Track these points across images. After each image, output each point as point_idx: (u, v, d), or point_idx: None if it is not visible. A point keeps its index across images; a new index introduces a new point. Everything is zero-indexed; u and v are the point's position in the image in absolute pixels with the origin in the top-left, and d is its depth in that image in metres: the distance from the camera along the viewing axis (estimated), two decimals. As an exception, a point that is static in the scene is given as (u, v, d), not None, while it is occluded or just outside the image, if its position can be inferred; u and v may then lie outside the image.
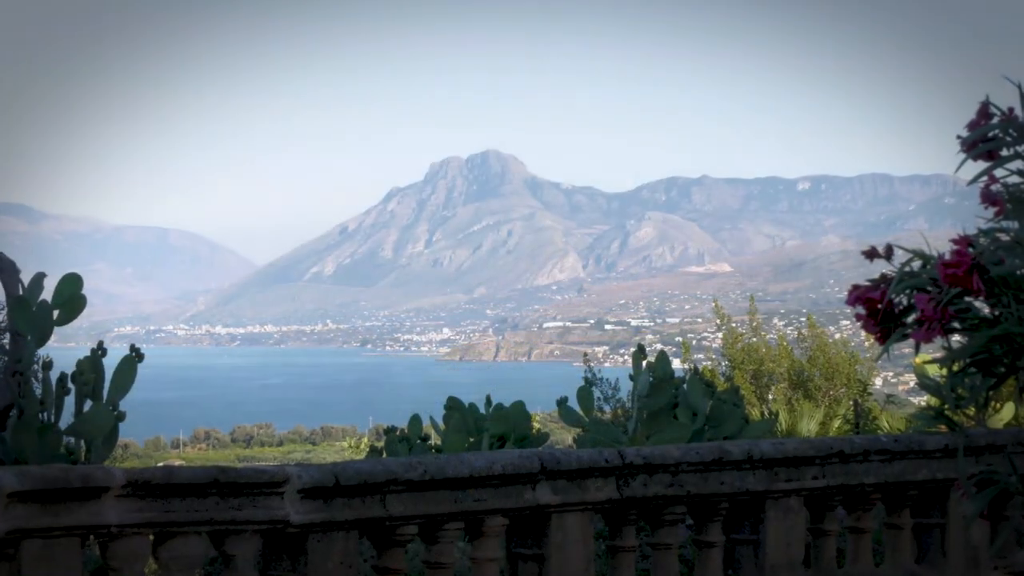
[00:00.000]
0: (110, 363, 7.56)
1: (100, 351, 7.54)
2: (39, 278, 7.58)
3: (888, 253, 2.94)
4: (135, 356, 7.64)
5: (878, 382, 31.65)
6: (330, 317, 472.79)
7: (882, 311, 2.85)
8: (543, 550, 6.69)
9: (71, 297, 7.60)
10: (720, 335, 26.01)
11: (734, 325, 25.61)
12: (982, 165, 2.93)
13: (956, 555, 7.93)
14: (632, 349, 10.47)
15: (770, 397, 23.70)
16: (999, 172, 2.91)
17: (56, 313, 7.57)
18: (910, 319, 2.85)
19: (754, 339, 24.94)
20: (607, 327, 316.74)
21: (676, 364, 13.38)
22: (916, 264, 2.86)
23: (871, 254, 2.96)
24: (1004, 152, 2.92)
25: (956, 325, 2.82)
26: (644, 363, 10.00)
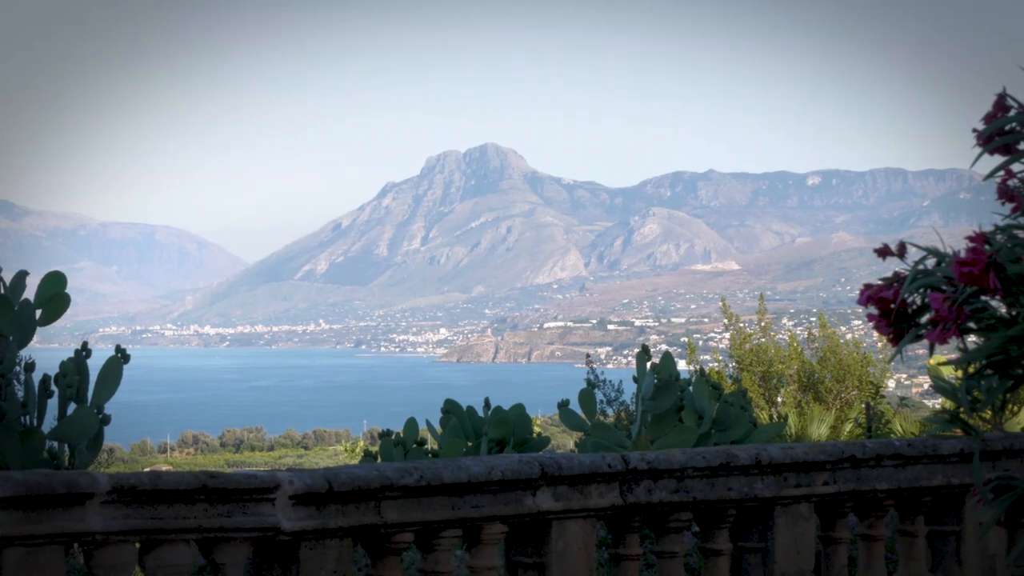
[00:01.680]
0: (95, 364, 7.55)
1: (84, 352, 7.53)
2: (21, 276, 7.55)
3: (901, 251, 2.92)
4: (120, 357, 7.62)
5: (891, 384, 31.78)
6: (323, 317, 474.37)
7: (895, 311, 2.84)
8: (544, 558, 6.65)
9: (54, 296, 7.57)
10: (727, 335, 26.03)
11: (742, 325, 25.58)
12: (999, 159, 2.92)
13: (972, 563, 7.89)
14: (636, 350, 10.36)
15: (779, 400, 23.71)
16: (1016, 167, 2.91)
17: (38, 313, 7.54)
18: (924, 319, 2.84)
19: (763, 339, 24.95)
20: (610, 327, 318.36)
21: (682, 365, 13.34)
22: (930, 262, 2.84)
23: (884, 252, 2.93)
24: (1021, 146, 2.91)
25: (972, 325, 2.81)
26: (648, 364, 9.91)
